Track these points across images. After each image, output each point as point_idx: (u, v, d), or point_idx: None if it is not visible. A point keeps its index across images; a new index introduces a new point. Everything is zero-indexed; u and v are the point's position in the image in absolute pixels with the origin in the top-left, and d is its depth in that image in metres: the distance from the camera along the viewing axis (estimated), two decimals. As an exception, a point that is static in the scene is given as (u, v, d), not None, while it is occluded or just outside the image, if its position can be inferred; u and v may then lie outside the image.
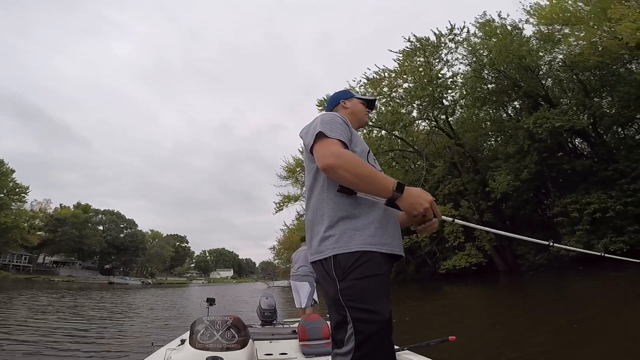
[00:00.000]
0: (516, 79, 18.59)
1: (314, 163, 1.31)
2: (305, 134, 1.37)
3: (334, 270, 1.17)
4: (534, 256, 16.47)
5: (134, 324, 8.77)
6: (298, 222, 37.41)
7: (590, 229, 14.04)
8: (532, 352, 4.38)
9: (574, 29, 17.48)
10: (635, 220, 13.86)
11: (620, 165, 14.88)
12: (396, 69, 20.75)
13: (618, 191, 14.08)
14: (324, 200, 1.27)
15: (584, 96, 17.53)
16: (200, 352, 2.26)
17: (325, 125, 1.28)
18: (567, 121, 14.54)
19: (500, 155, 17.30)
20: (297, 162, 30.08)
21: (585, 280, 12.59)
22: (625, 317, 6.20)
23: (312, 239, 1.28)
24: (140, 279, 64.58)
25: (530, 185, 16.35)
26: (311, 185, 1.35)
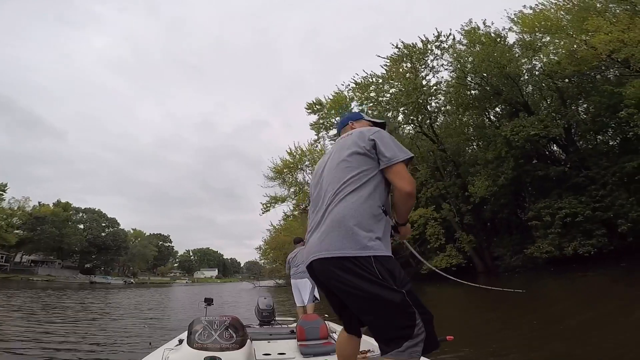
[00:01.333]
0: (497, 87, 19.22)
1: (374, 167, 1.47)
2: (387, 143, 1.49)
3: (377, 269, 1.31)
4: (510, 258, 17.26)
5: (127, 325, 8.84)
6: (285, 222, 37.64)
7: (562, 232, 14.85)
8: (501, 346, 4.86)
9: (555, 37, 18.16)
10: (603, 225, 14.75)
11: (590, 172, 15.77)
12: (383, 75, 21.33)
13: (588, 197, 14.95)
14: (368, 204, 1.41)
15: (561, 104, 18.37)
16: (199, 352, 2.25)
17: (405, 149, 1.49)
18: (542, 129, 15.33)
19: (480, 160, 18.04)
20: (284, 163, 30.40)
21: (555, 281, 13.35)
22: (587, 315, 6.82)
23: (350, 231, 1.35)
24: (122, 279, 63.40)
25: (507, 190, 17.13)
26: (356, 181, 1.45)
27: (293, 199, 31.68)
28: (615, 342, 4.39)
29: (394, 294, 1.28)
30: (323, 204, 1.51)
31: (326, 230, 1.42)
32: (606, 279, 12.13)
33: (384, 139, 1.51)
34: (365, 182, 1.45)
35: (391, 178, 1.45)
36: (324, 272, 1.41)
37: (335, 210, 1.43)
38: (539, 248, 15.31)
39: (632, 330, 4.93)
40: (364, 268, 1.30)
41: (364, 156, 1.49)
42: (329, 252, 1.37)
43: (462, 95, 21.01)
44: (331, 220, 1.42)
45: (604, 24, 14.63)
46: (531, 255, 15.82)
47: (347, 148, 1.54)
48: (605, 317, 6.18)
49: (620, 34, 13.90)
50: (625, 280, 11.51)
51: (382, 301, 1.28)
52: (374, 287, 1.29)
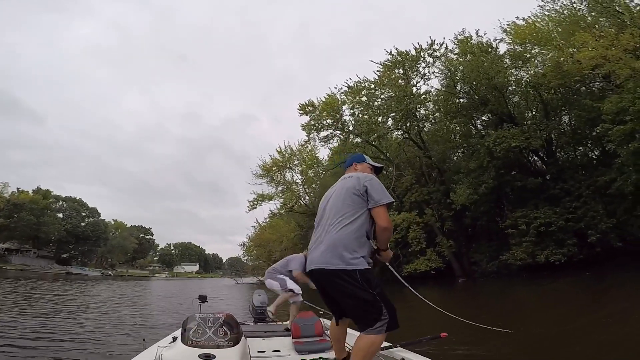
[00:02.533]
0: (485, 96, 19.71)
1: (364, 206, 2.04)
2: (376, 189, 2.05)
3: (360, 279, 1.91)
4: (487, 264, 17.95)
5: (116, 321, 8.81)
6: (271, 220, 37.73)
7: (536, 240, 15.56)
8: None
9: (543, 49, 18.72)
10: (574, 235, 15.56)
11: (566, 184, 16.57)
12: (376, 80, 21.78)
13: (562, 208, 15.72)
14: (356, 232, 2.01)
15: (544, 115, 19.10)
16: (193, 349, 2.25)
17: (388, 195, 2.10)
18: (523, 141, 16.01)
19: (463, 169, 18.66)
20: (273, 162, 30.53)
21: (526, 288, 14.05)
22: (554, 318, 7.37)
23: (342, 253, 1.95)
24: (100, 270, 62.16)
25: (487, 198, 17.79)
26: (350, 216, 2.03)
27: (280, 198, 31.81)
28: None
29: (368, 294, 1.90)
30: (325, 228, 2.11)
31: (324, 250, 2.02)
32: (571, 287, 12.89)
33: (374, 186, 2.06)
34: (356, 217, 2.03)
35: (374, 216, 2.03)
36: (322, 279, 2.06)
37: (332, 236, 2.02)
38: (514, 255, 16.01)
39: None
40: (349, 277, 1.92)
41: (358, 197, 2.05)
42: (326, 265, 1.98)
43: (451, 103, 21.64)
44: (327, 243, 2.02)
45: (590, 39, 15.06)
46: (506, 261, 16.54)
47: (347, 188, 2.12)
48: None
49: (603, 51, 14.33)
50: (588, 288, 12.30)
51: (361, 299, 1.91)
52: (355, 290, 1.91)
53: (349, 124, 23.36)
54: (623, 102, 13.26)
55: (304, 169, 31.64)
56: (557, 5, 18.16)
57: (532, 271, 15.87)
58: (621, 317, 7.21)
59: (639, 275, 12.54)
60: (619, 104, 13.38)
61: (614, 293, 10.97)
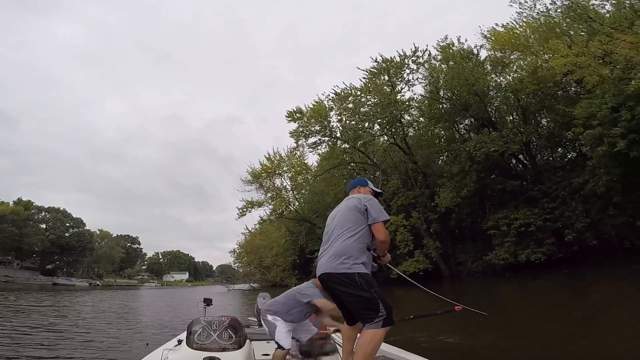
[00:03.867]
0: (466, 102, 20.34)
1: (364, 222, 2.41)
2: (375, 208, 2.43)
3: (359, 280, 2.26)
4: (472, 264, 18.62)
5: (114, 327, 8.89)
6: (261, 227, 37.91)
7: (517, 240, 16.28)
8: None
9: (521, 55, 19.27)
10: (553, 234, 16.33)
11: (544, 186, 17.37)
12: (362, 87, 22.40)
13: (540, 209, 16.48)
14: (357, 243, 2.38)
15: (522, 120, 19.91)
16: (198, 352, 2.27)
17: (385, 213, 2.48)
18: (501, 146, 16.75)
19: (446, 173, 19.34)
20: (263, 168, 30.82)
21: (508, 286, 14.72)
22: (534, 313, 7.96)
23: (344, 260, 2.32)
24: (87, 280, 60.85)
25: (470, 201, 18.50)
26: (352, 230, 2.41)
27: (270, 204, 32.06)
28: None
29: (367, 293, 2.24)
30: (331, 240, 2.48)
31: (330, 257, 2.40)
32: (551, 284, 13.60)
33: (373, 206, 2.45)
34: (358, 231, 2.41)
35: (374, 231, 2.41)
36: (329, 281, 2.40)
37: (337, 246, 2.40)
38: (497, 255, 16.70)
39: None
40: (350, 280, 2.28)
41: (360, 214, 2.44)
42: (331, 269, 2.36)
43: (435, 108, 22.35)
44: (332, 252, 2.40)
45: (562, 46, 15.52)
46: (490, 261, 17.22)
47: (350, 207, 2.52)
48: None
49: (573, 58, 14.85)
50: (566, 285, 13.03)
51: (361, 297, 2.25)
52: (356, 290, 2.26)
53: (336, 130, 23.93)
54: (592, 107, 14.00)
55: (293, 175, 32.00)
56: (534, 12, 18.50)
57: (514, 270, 16.58)
58: (595, 310, 7.87)
59: (612, 271, 13.37)
60: (589, 109, 14.12)
61: (589, 289, 11.72)
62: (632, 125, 12.64)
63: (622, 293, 9.51)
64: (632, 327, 5.70)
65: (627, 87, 12.76)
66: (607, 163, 14.16)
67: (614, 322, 6.46)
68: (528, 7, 18.49)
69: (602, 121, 13.51)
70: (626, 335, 5.33)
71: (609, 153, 13.36)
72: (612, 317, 6.91)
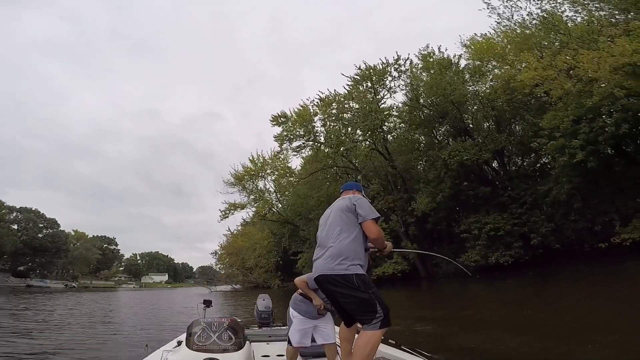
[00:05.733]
0: (444, 110, 21.13)
1: (356, 222, 2.41)
2: (363, 207, 2.42)
3: (356, 282, 2.24)
4: (447, 265, 19.57)
5: (111, 329, 8.95)
6: (243, 228, 38.02)
7: (487, 244, 17.30)
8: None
9: (498, 64, 20.03)
10: (520, 238, 17.42)
11: (513, 192, 18.50)
12: (345, 94, 23.12)
13: (509, 214, 17.57)
14: (353, 243, 2.37)
15: (497, 128, 20.90)
16: (197, 353, 2.28)
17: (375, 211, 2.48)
18: (474, 155, 17.74)
19: (423, 179, 20.28)
20: (246, 170, 31.05)
21: (478, 286, 15.63)
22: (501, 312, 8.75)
23: (341, 261, 2.30)
24: (63, 282, 59.11)
25: (445, 206, 19.46)
26: (346, 230, 2.40)
27: (253, 206, 32.30)
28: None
29: (365, 294, 2.23)
30: (326, 241, 2.48)
31: (327, 259, 2.39)
32: (517, 284, 14.62)
33: (361, 205, 2.47)
34: (351, 231, 2.41)
35: (364, 229, 2.42)
36: (326, 282, 2.38)
37: (333, 247, 2.39)
38: (469, 257, 17.67)
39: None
40: (347, 281, 2.27)
41: (351, 213, 2.45)
42: (329, 271, 2.35)
43: (414, 115, 23.19)
44: (329, 254, 2.39)
45: (532, 59, 16.10)
46: (462, 263, 18.13)
47: (341, 208, 2.52)
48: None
49: (541, 72, 15.45)
50: (530, 285, 14.06)
51: (358, 298, 2.25)
52: (353, 291, 2.25)
53: (320, 134, 24.53)
54: (556, 119, 14.88)
55: (277, 178, 32.37)
56: (511, 22, 18.87)
57: (485, 272, 17.55)
58: (555, 307, 8.74)
59: (573, 273, 14.45)
60: (553, 120, 15.04)
61: (551, 288, 12.77)
62: (590, 138, 13.68)
63: (578, 292, 10.51)
64: (584, 319, 6.55)
65: (587, 101, 13.50)
66: (568, 172, 15.27)
67: (568, 317, 7.29)
68: (506, 18, 18.86)
69: (565, 133, 14.45)
70: (574, 325, 6.16)
71: (570, 163, 14.46)
72: (568, 313, 7.74)
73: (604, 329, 5.77)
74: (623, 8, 15.59)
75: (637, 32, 12.44)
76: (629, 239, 13.20)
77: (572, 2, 17.33)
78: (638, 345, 4.72)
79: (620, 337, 5.11)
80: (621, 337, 5.10)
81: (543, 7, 17.80)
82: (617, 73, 12.76)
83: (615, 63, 12.55)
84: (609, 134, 13.18)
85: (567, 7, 17.43)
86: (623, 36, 12.62)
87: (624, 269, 12.74)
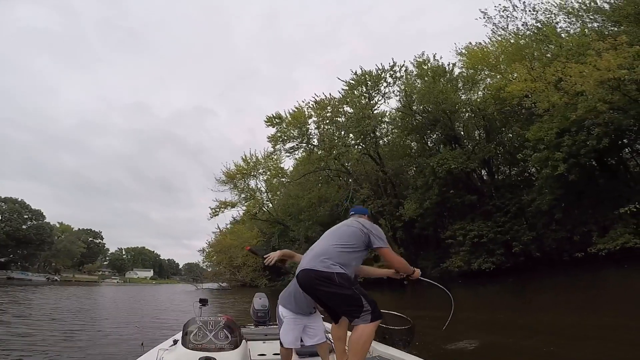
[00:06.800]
0: (435, 118, 21.40)
1: (361, 246, 2.40)
2: (382, 235, 2.43)
3: (337, 279, 2.20)
4: (431, 270, 20.01)
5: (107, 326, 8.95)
6: (232, 226, 37.98)
7: (471, 250, 17.77)
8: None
9: (489, 74, 20.45)
10: (502, 245, 17.94)
11: (498, 201, 19.06)
12: (341, 98, 23.47)
13: (493, 222, 18.08)
14: (345, 255, 2.34)
15: (486, 138, 21.32)
16: (193, 352, 2.27)
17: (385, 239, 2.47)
18: (461, 163, 18.21)
19: (411, 186, 20.73)
20: (237, 169, 31.12)
21: (460, 291, 16.07)
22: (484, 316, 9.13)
23: (325, 260, 2.27)
24: (44, 275, 58.11)
25: (432, 212, 19.93)
26: (349, 247, 2.37)
27: (243, 205, 32.38)
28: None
29: (347, 290, 2.21)
30: (320, 244, 2.48)
31: (311, 257, 2.37)
32: (498, 290, 15.13)
33: (379, 233, 2.46)
34: (351, 246, 2.39)
35: (384, 257, 2.45)
36: (305, 278, 2.33)
37: (323, 248, 2.38)
38: (453, 262, 18.15)
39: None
40: (328, 280, 2.22)
41: (361, 234, 2.41)
42: (309, 265, 2.31)
43: (407, 122, 23.57)
44: (315, 252, 2.39)
45: (523, 71, 16.24)
46: (447, 268, 18.65)
47: (352, 228, 2.48)
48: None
49: (529, 84, 15.71)
50: (510, 292, 14.55)
51: (342, 294, 2.22)
52: (335, 288, 2.21)
53: (314, 136, 24.84)
54: (541, 131, 15.22)
55: (269, 178, 32.53)
56: (506, 32, 19.35)
57: (467, 277, 18.05)
58: (533, 312, 9.15)
59: (552, 281, 15.01)
60: (538, 133, 15.51)
61: (530, 295, 13.26)
62: (573, 151, 14.15)
63: (555, 300, 10.98)
64: (555, 324, 6.96)
65: (572, 114, 13.82)
66: (551, 184, 15.81)
67: (540, 321, 7.69)
68: (501, 27, 19.40)
69: (549, 145, 14.93)
70: (544, 328, 6.56)
71: (552, 175, 15.00)
72: (540, 317, 8.16)
73: (569, 333, 6.19)
74: (615, 20, 16.20)
75: (623, 47, 12.93)
76: (604, 249, 13.74)
77: (567, 14, 17.79)
78: (594, 347, 5.15)
79: (582, 342, 5.53)
80: (584, 342, 5.52)
81: (538, 17, 18.30)
82: (602, 87, 13.17)
83: (601, 77, 12.90)
84: (590, 147, 13.67)
85: (562, 18, 17.92)
86: (610, 50, 12.91)
87: (597, 278, 13.33)
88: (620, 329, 6.01)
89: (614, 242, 13.47)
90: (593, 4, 17.31)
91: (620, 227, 13.56)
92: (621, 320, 6.53)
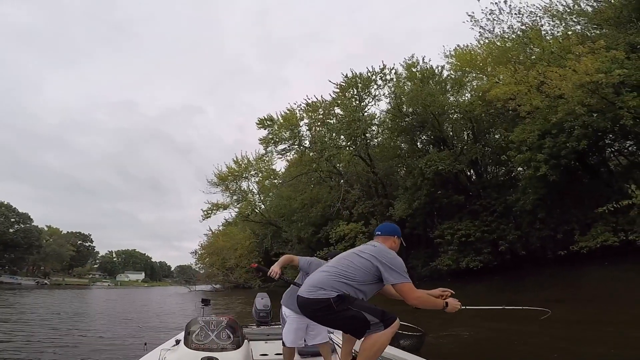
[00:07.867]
0: (424, 120, 21.91)
1: (375, 280, 2.18)
2: (395, 269, 2.16)
3: (334, 304, 2.01)
4: (421, 268, 20.48)
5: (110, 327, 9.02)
6: (225, 228, 37.98)
7: (459, 249, 18.22)
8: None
9: (477, 77, 20.89)
10: (489, 244, 18.42)
11: (484, 201, 19.54)
12: (332, 101, 23.76)
13: (480, 221, 18.54)
14: (360, 296, 2.14)
15: (473, 139, 21.82)
16: (196, 352, 2.27)
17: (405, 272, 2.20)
18: (449, 165, 18.64)
19: (401, 186, 21.14)
20: (229, 170, 31.22)
21: (451, 289, 16.50)
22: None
23: (320, 288, 2.08)
24: (34, 279, 57.27)
25: (422, 211, 20.34)
26: (363, 281, 2.15)
27: (236, 207, 32.47)
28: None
29: (348, 311, 2.02)
30: (327, 269, 2.24)
31: (309, 285, 2.17)
32: (485, 288, 15.59)
33: (395, 265, 2.20)
34: (373, 285, 2.22)
35: (400, 292, 2.16)
36: (304, 306, 2.16)
37: (323, 275, 2.20)
38: (442, 261, 18.57)
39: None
40: (325, 304, 2.04)
41: (372, 266, 2.18)
42: (304, 294, 2.14)
43: (396, 123, 23.94)
44: (309, 282, 2.22)
45: (507, 74, 16.60)
46: (436, 267, 19.09)
47: (365, 257, 2.23)
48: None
49: (513, 87, 15.92)
50: (496, 289, 15.02)
51: (344, 318, 2.05)
52: (335, 315, 2.04)
53: (306, 138, 25.11)
54: (524, 133, 15.71)
55: (261, 179, 32.68)
56: (492, 35, 19.55)
57: (456, 276, 18.51)
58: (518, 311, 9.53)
59: (537, 278, 15.51)
60: (521, 134, 15.99)
61: (514, 292, 13.72)
62: (554, 152, 14.66)
63: (538, 298, 11.42)
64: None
65: (552, 116, 14.28)
66: (534, 184, 16.28)
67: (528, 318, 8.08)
68: (488, 30, 19.60)
69: (531, 146, 15.42)
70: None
71: (535, 175, 15.48)
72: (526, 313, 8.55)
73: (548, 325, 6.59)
74: (597, 23, 16.65)
75: (601, 51, 13.44)
76: (585, 247, 14.26)
77: (552, 16, 18.21)
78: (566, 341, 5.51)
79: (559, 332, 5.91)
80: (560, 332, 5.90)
81: (524, 20, 18.68)
82: (580, 90, 13.60)
83: (579, 80, 13.30)
84: (570, 148, 14.17)
85: (546, 20, 18.32)
86: (589, 54, 13.27)
87: (579, 275, 13.86)
88: (598, 323, 6.41)
89: (594, 241, 14.00)
90: (576, 6, 17.87)
91: (601, 226, 14.08)
92: (600, 315, 6.93)
